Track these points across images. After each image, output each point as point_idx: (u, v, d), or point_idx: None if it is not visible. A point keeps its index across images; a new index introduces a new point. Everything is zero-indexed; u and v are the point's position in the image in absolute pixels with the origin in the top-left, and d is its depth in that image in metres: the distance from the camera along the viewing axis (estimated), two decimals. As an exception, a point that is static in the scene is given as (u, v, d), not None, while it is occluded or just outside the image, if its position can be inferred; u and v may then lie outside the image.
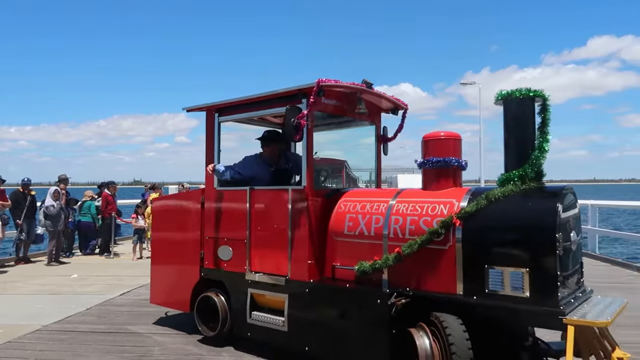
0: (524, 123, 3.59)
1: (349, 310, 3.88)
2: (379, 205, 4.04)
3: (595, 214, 11.84)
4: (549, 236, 3.23)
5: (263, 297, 4.53)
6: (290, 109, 4.16)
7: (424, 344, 3.37)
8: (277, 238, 4.42)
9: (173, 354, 4.58)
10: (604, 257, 10.59)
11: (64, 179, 11.16)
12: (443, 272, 3.58)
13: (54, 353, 4.65)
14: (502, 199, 3.47)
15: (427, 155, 3.97)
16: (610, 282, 8.06)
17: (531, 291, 3.24)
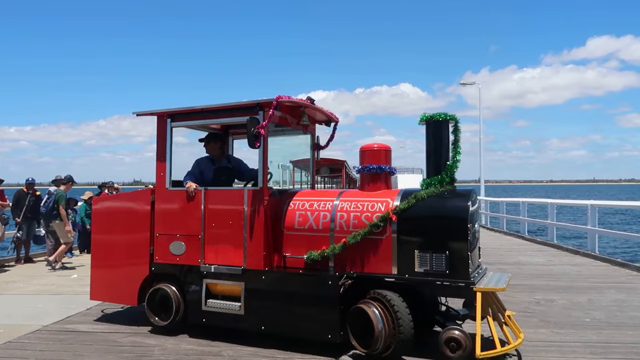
0: (441, 140, 4.65)
1: (302, 292, 4.56)
2: (325, 203, 4.89)
3: (595, 214, 11.84)
4: (462, 226, 4.27)
5: (218, 286, 5.03)
6: (251, 119, 4.72)
7: (376, 313, 4.21)
8: (232, 233, 4.96)
9: (173, 354, 4.58)
10: (603, 257, 10.59)
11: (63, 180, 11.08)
12: (381, 257, 4.52)
13: (54, 353, 4.64)
14: (427, 198, 4.50)
15: (364, 163, 4.93)
16: (610, 281, 8.06)
17: (449, 269, 4.26)
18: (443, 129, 4.66)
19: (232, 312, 4.86)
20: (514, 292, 7.17)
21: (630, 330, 5.32)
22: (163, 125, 5.39)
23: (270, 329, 4.70)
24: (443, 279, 4.27)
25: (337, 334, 4.38)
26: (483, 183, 25.42)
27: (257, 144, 4.74)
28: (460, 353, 4.03)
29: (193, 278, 5.13)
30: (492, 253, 11.47)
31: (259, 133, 4.72)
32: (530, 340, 4.97)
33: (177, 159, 5.45)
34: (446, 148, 4.66)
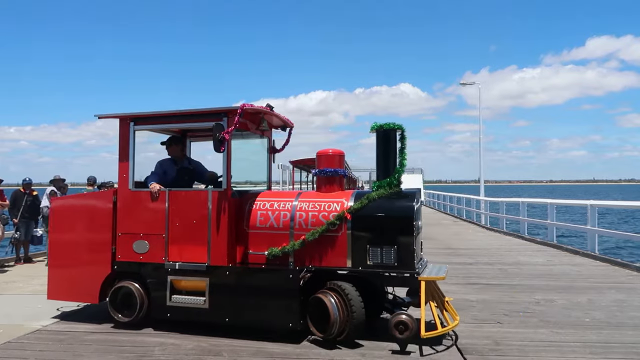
0: (390, 147, 5.14)
1: (265, 286, 4.98)
2: (285, 204, 5.29)
3: (595, 214, 11.84)
4: (409, 223, 4.86)
5: (182, 283, 5.30)
6: (217, 125, 5.01)
7: (332, 302, 4.68)
8: (196, 231, 5.25)
9: (173, 354, 4.58)
10: (603, 257, 10.58)
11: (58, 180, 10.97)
12: (337, 252, 5.00)
13: (53, 353, 4.65)
14: (377, 199, 5.02)
15: (320, 167, 5.37)
16: (610, 282, 8.06)
17: (397, 261, 4.83)
18: (391, 137, 5.15)
19: (197, 306, 5.16)
20: (514, 292, 7.18)
21: (630, 330, 5.32)
22: (126, 128, 5.60)
23: (234, 321, 5.06)
24: (392, 270, 4.89)
25: (298, 322, 4.84)
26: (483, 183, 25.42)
27: (222, 148, 5.06)
28: (408, 334, 4.54)
29: (157, 275, 5.36)
30: (492, 253, 11.48)
31: (224, 138, 5.03)
32: (531, 340, 4.98)
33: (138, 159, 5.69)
34: (394, 154, 5.16)
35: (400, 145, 5.18)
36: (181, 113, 5.51)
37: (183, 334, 5.19)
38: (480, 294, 7.08)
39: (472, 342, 4.90)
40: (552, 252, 11.85)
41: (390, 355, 4.55)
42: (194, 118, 5.50)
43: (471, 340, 4.96)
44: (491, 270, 9.20)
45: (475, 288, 7.52)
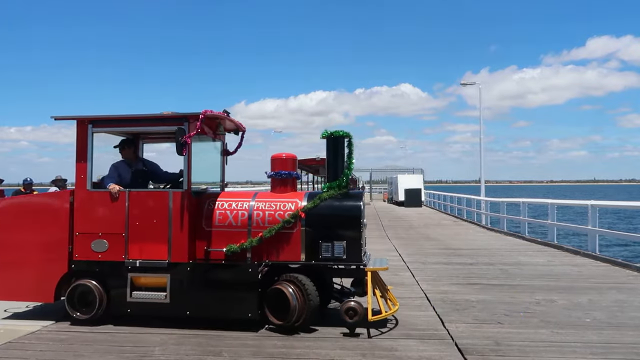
0: (339, 152, 5.64)
1: (225, 280, 5.36)
2: (242, 204, 5.64)
3: (595, 214, 11.82)
4: (357, 221, 5.44)
5: (142, 279, 5.51)
6: (179, 130, 5.34)
7: (291, 292, 5.14)
8: (157, 230, 5.47)
9: (173, 355, 4.59)
10: (603, 257, 10.56)
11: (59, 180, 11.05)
12: (292, 247, 5.45)
13: (54, 353, 4.65)
14: (328, 199, 5.51)
15: (275, 169, 5.80)
16: (610, 282, 8.04)
17: (346, 255, 5.36)
18: (340, 143, 5.64)
19: (158, 301, 5.41)
20: (514, 293, 7.17)
21: (631, 330, 5.32)
22: (84, 130, 5.72)
23: (195, 313, 5.37)
24: (342, 263, 5.43)
25: (256, 312, 5.25)
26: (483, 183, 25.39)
27: (184, 151, 5.40)
28: (357, 319, 5.06)
29: (117, 273, 5.51)
30: (493, 253, 11.47)
31: (185, 142, 5.38)
32: (531, 340, 4.98)
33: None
34: (342, 159, 5.65)
35: (348, 151, 5.68)
36: (143, 117, 5.79)
37: (183, 334, 5.20)
38: (481, 294, 7.07)
39: (472, 342, 4.90)
40: (553, 252, 11.83)
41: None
42: (155, 122, 5.80)
43: (472, 340, 4.96)
44: (492, 270, 9.20)
45: (475, 288, 7.52)
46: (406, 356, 4.53)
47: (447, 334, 5.19)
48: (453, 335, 5.10)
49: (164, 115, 5.65)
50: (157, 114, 5.69)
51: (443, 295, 7.01)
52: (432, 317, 5.85)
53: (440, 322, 5.62)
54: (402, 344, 4.86)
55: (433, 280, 8.16)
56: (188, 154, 5.50)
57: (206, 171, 6.64)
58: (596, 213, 11.84)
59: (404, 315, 5.92)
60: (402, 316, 5.89)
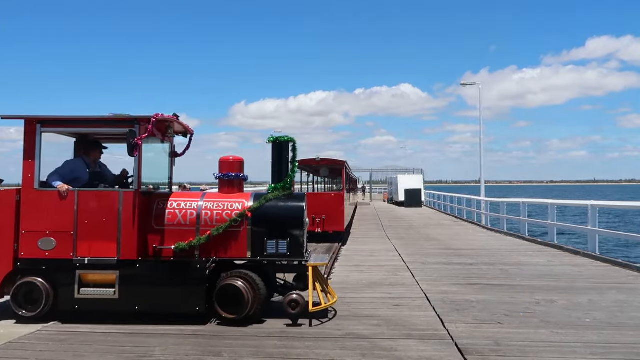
0: (283, 156, 6.05)
1: (174, 275, 5.63)
2: (191, 203, 5.90)
3: (595, 214, 11.82)
4: (300, 220, 5.84)
5: (90, 276, 5.64)
6: (131, 132, 5.56)
7: (243, 286, 5.47)
8: (106, 228, 5.62)
9: (173, 355, 4.58)
10: (604, 258, 10.56)
11: None
12: (239, 245, 5.75)
13: (54, 354, 4.65)
14: (273, 199, 5.88)
15: (223, 171, 6.12)
16: (610, 282, 8.04)
17: (290, 251, 5.72)
18: (284, 148, 6.04)
19: (107, 297, 5.57)
20: (514, 293, 7.17)
21: (631, 330, 5.31)
22: (32, 129, 5.79)
23: (144, 308, 5.57)
24: (285, 259, 5.77)
25: (204, 306, 5.54)
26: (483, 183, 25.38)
27: (135, 153, 5.62)
28: (299, 310, 5.46)
29: (64, 270, 5.60)
30: (493, 254, 11.47)
31: (137, 144, 5.58)
32: (531, 340, 4.98)
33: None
34: (286, 162, 6.05)
35: (291, 155, 6.08)
36: (94, 118, 5.97)
37: (183, 334, 5.20)
38: (481, 295, 7.07)
39: (472, 342, 4.90)
40: (553, 252, 11.83)
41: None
42: (107, 124, 5.99)
43: (472, 340, 4.96)
44: (492, 270, 9.19)
45: (475, 288, 7.51)
46: (406, 356, 4.53)
47: (447, 334, 5.18)
48: (453, 336, 5.10)
49: (116, 117, 5.80)
50: (108, 116, 5.82)
51: (443, 295, 7.01)
52: (432, 317, 5.85)
53: (440, 322, 5.62)
54: (402, 344, 4.86)
55: (433, 280, 8.16)
56: (139, 155, 5.69)
57: (155, 172, 6.79)
58: (596, 213, 11.84)
59: (404, 316, 5.93)
60: (402, 316, 5.90)
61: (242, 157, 6.31)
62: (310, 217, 14.07)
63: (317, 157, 14.98)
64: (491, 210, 20.62)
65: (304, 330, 5.33)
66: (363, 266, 9.73)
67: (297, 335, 5.17)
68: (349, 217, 18.41)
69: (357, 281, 8.13)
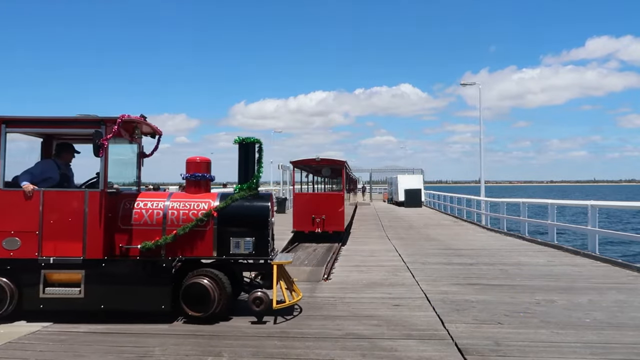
0: (250, 156, 6.13)
1: (140, 274, 5.68)
2: (157, 203, 5.96)
3: (595, 214, 11.82)
4: (265, 219, 5.94)
5: (55, 275, 5.66)
6: (97, 132, 5.60)
7: (210, 284, 5.58)
8: (72, 228, 5.65)
9: (173, 355, 4.59)
10: (604, 258, 10.56)
11: None
12: (205, 244, 5.83)
13: (54, 354, 4.65)
14: (239, 199, 5.96)
15: (190, 172, 6.20)
16: (610, 282, 8.04)
17: (255, 250, 5.82)
18: (250, 149, 6.12)
19: (72, 296, 5.60)
20: (514, 293, 7.17)
21: (631, 330, 5.32)
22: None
23: (110, 307, 5.63)
24: (251, 258, 5.88)
25: (169, 304, 5.63)
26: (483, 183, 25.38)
27: (101, 153, 5.65)
28: (263, 307, 5.58)
29: (29, 270, 5.62)
30: (493, 254, 11.46)
31: (102, 144, 5.62)
32: (531, 340, 4.98)
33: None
34: (253, 163, 6.14)
35: (258, 156, 6.17)
36: (60, 119, 5.99)
37: (183, 334, 5.21)
38: (481, 295, 7.07)
39: (472, 342, 4.90)
40: (553, 252, 11.82)
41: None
42: (73, 124, 6.04)
43: (472, 340, 4.96)
44: (492, 270, 9.19)
45: (475, 288, 7.51)
46: (406, 356, 4.53)
47: (447, 334, 5.19)
48: (453, 336, 5.10)
49: (82, 118, 5.87)
50: (75, 117, 5.90)
51: (443, 295, 7.01)
52: (432, 318, 5.85)
53: (440, 323, 5.62)
54: (402, 344, 4.87)
55: (433, 280, 8.16)
56: (105, 155, 5.73)
57: (123, 172, 6.84)
58: (596, 213, 11.84)
59: (404, 316, 5.93)
60: (402, 316, 5.90)
61: (209, 158, 6.38)
62: (310, 217, 14.08)
63: (317, 157, 14.97)
64: (491, 210, 20.62)
65: (304, 330, 5.33)
66: (363, 266, 9.73)
67: (297, 335, 5.17)
68: (348, 217, 18.41)
69: (357, 281, 8.13)
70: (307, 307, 6.36)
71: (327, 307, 6.38)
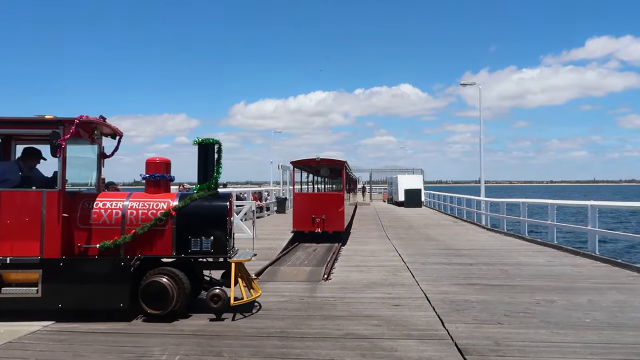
0: (209, 157, 6.18)
1: (98, 273, 5.72)
2: (116, 203, 6.02)
3: (595, 214, 11.82)
4: (223, 219, 6.03)
5: (12, 275, 5.65)
6: (53, 133, 5.63)
7: (168, 283, 5.66)
8: (29, 228, 5.67)
9: (173, 355, 4.58)
10: (604, 258, 10.56)
11: None
12: (164, 243, 5.91)
13: (54, 353, 4.65)
14: (198, 199, 6.04)
15: (149, 172, 6.27)
16: (610, 282, 8.04)
17: (214, 249, 5.92)
18: (210, 150, 6.18)
19: (29, 295, 5.60)
20: (514, 293, 7.17)
21: (631, 331, 5.32)
22: None
23: (68, 306, 5.65)
24: (209, 256, 5.99)
25: (128, 302, 5.67)
26: (483, 183, 25.38)
27: (58, 153, 5.68)
28: (221, 304, 5.68)
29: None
30: (493, 254, 11.47)
31: (60, 145, 5.65)
32: (531, 340, 4.98)
33: None
34: (212, 163, 6.21)
35: (217, 156, 6.24)
36: (18, 120, 6.07)
37: (183, 334, 5.21)
38: (481, 295, 7.07)
39: (472, 342, 4.90)
40: (553, 252, 11.83)
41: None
42: (31, 125, 6.06)
43: (471, 340, 4.96)
44: (492, 270, 9.19)
45: (475, 288, 7.51)
46: (406, 356, 4.53)
47: (447, 334, 5.19)
48: (453, 336, 5.10)
49: (40, 118, 5.92)
50: (33, 117, 5.96)
51: (443, 295, 7.01)
52: (432, 318, 5.86)
53: (440, 323, 5.62)
54: (402, 344, 4.87)
55: (433, 280, 8.16)
56: (62, 155, 5.75)
57: (82, 173, 6.85)
58: (596, 213, 11.83)
59: (404, 316, 5.93)
60: (402, 316, 5.90)
61: (169, 159, 6.46)
62: (310, 217, 14.08)
63: (317, 157, 14.98)
64: (491, 210, 20.62)
65: (304, 330, 5.33)
66: (363, 266, 9.73)
67: (297, 335, 5.17)
68: (348, 217, 18.41)
69: (357, 281, 8.13)
70: (307, 307, 6.37)
71: (327, 307, 6.39)
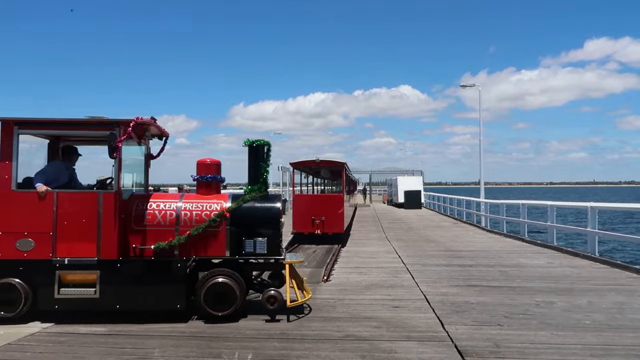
0: (259, 158, 6.28)
1: (154, 274, 5.76)
2: (170, 204, 6.05)
3: (595, 216, 11.81)
4: (276, 220, 6.10)
5: (70, 276, 5.69)
6: (111, 134, 5.64)
7: (231, 282, 5.69)
8: (86, 229, 5.71)
9: (173, 356, 4.59)
10: (603, 259, 10.56)
11: None
12: (217, 244, 5.96)
13: (53, 355, 4.65)
14: (250, 200, 6.11)
15: (200, 173, 6.28)
16: (610, 284, 8.04)
17: (267, 250, 5.95)
18: (260, 151, 6.26)
19: (87, 296, 5.64)
20: (514, 294, 7.17)
21: (630, 332, 5.32)
22: (9, 131, 5.83)
23: (125, 307, 5.70)
24: (263, 257, 5.99)
25: (184, 303, 5.73)
26: (483, 185, 25.39)
27: (115, 154, 5.71)
28: (277, 305, 5.72)
29: (43, 271, 5.64)
30: (493, 255, 11.47)
31: (117, 146, 5.68)
32: (531, 342, 4.98)
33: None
34: (262, 165, 6.29)
35: (265, 157, 6.32)
36: (73, 121, 6.07)
37: (183, 335, 5.21)
38: (481, 296, 7.07)
39: (472, 344, 4.90)
40: (553, 254, 11.83)
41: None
42: (86, 126, 6.05)
43: (471, 342, 4.96)
44: (491, 272, 9.20)
45: (475, 290, 7.52)
46: (406, 358, 4.53)
47: (447, 336, 5.19)
48: (453, 337, 5.10)
49: (97, 120, 5.94)
50: (88, 119, 5.95)
51: (443, 297, 7.01)
52: (431, 319, 5.86)
53: (440, 324, 5.62)
54: (402, 345, 4.87)
55: (433, 282, 8.16)
56: (119, 157, 5.79)
57: (132, 173, 6.83)
58: (595, 215, 11.83)
59: (404, 317, 5.93)
60: (402, 318, 5.90)
61: (219, 160, 6.44)
62: (310, 218, 14.08)
63: (316, 159, 14.98)
64: (491, 212, 20.63)
65: (304, 332, 5.34)
66: (363, 268, 9.73)
67: (297, 337, 5.18)
68: (348, 218, 18.40)
69: (356, 283, 8.13)
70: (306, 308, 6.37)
71: (327, 308, 6.39)
